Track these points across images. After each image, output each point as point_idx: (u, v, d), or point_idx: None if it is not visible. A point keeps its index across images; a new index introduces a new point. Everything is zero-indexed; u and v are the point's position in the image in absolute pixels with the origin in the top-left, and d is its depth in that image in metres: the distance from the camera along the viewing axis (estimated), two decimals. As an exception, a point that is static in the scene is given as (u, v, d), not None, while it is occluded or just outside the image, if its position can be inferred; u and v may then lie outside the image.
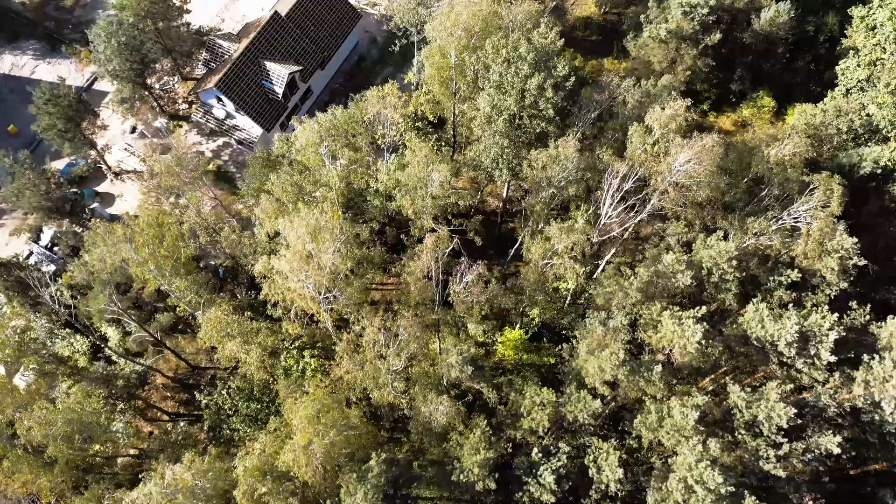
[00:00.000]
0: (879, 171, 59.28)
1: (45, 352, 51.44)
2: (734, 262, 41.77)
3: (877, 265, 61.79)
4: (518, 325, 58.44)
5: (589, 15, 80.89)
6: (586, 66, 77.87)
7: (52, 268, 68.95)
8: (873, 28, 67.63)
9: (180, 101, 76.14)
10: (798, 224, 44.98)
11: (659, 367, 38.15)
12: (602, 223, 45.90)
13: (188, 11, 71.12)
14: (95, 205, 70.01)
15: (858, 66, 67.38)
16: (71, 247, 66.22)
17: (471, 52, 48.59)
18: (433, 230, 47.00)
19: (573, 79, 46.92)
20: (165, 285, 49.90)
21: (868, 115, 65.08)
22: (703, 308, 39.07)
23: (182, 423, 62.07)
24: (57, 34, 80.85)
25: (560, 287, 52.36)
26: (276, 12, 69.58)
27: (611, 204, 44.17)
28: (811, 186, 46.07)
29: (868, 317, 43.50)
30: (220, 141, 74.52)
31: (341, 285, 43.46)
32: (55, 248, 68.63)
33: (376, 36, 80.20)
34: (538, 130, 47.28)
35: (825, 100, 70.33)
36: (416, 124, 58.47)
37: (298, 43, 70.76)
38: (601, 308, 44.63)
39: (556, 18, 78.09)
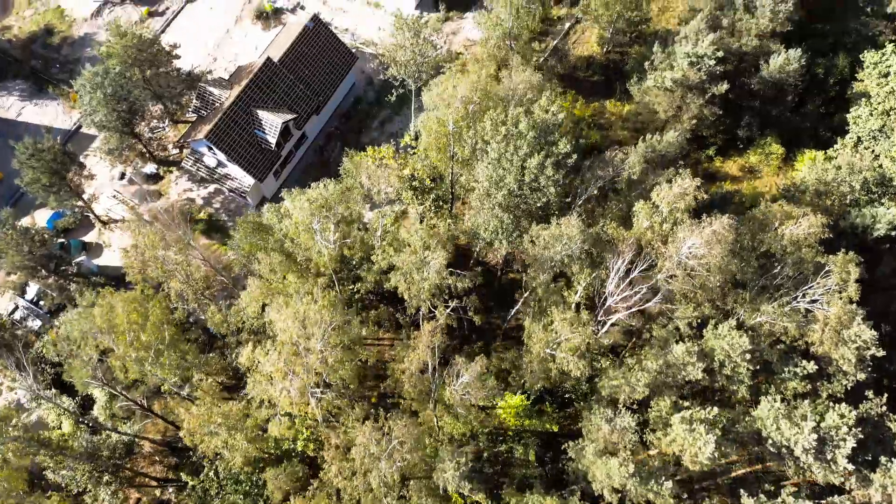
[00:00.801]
0: (894, 232, 57.20)
1: (26, 435, 49.19)
2: (748, 356, 39.69)
3: (889, 326, 59.78)
4: (519, 391, 56.46)
5: (591, 54, 78.58)
6: (588, 109, 75.72)
7: (38, 323, 66.88)
8: (886, 75, 65.53)
9: (171, 146, 73.91)
10: (813, 308, 42.86)
11: (669, 484, 36.09)
12: (607, 304, 43.78)
13: (177, 57, 68.89)
14: (82, 258, 67.85)
15: (871, 114, 65.25)
16: (56, 304, 64.09)
17: (469, 121, 46.45)
18: (431, 311, 44.98)
19: (575, 156, 44.73)
20: (147, 373, 47.83)
21: (881, 166, 62.96)
22: (716, 409, 36.95)
23: (171, 489, 60.03)
24: (44, 74, 78.62)
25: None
26: (268, 58, 67.34)
27: (616, 285, 42.05)
28: (827, 268, 43.93)
29: (884, 407, 41.40)
30: (212, 187, 72.33)
31: (332, 377, 41.35)
32: (41, 303, 66.53)
33: (373, 76, 77.94)
34: (539, 204, 45.15)
35: (836, 147, 68.42)
36: (413, 184, 56.29)
37: (292, 89, 68.52)
38: (607, 399, 42.56)
39: (557, 60, 76.22)
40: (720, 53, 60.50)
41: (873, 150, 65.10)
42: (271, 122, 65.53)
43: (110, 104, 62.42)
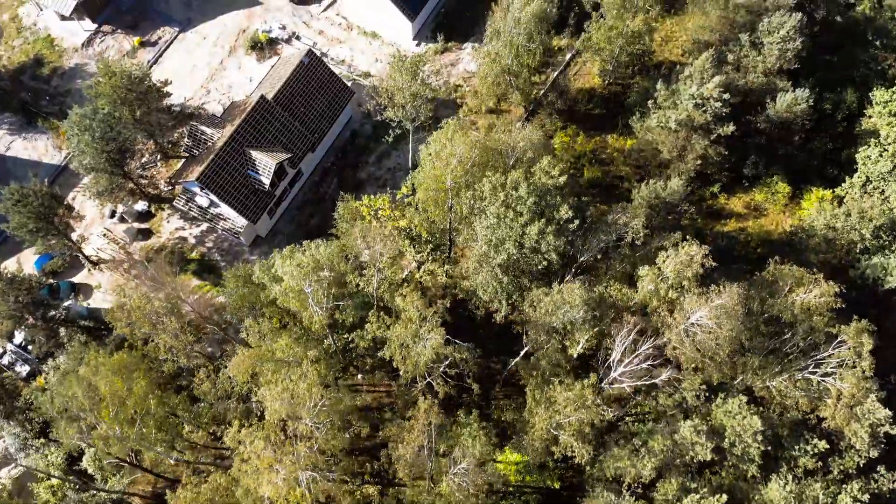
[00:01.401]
0: (906, 283, 55.59)
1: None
2: (759, 437, 38.06)
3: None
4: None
5: (591, 86, 76.76)
6: (589, 143, 74.02)
7: (27, 368, 65.27)
8: (896, 115, 63.90)
9: (162, 182, 72.14)
10: (826, 381, 41.21)
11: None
12: (612, 375, 42.14)
13: (168, 94, 67.15)
14: (70, 302, 66.11)
15: (881, 156, 63.51)
16: (45, 353, 62.39)
17: (468, 179, 44.71)
18: (427, 377, 43.35)
19: (577, 222, 42.97)
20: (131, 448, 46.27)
21: (891, 210, 61.23)
22: (725, 497, 35.33)
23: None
24: (34, 106, 76.81)
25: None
26: (262, 96, 65.64)
27: (621, 360, 40.42)
28: (839, 338, 42.26)
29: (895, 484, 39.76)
30: (205, 225, 70.58)
31: (323, 446, 39.68)
32: (29, 348, 64.84)
33: (370, 110, 76.03)
34: (539, 267, 43.46)
35: (844, 186, 66.74)
36: (410, 234, 54.61)
37: (287, 127, 66.83)
38: (611, 477, 40.91)
39: (557, 96, 74.29)
40: (727, 96, 58.78)
41: (883, 191, 63.43)
42: (265, 163, 63.84)
43: (99, 146, 60.75)
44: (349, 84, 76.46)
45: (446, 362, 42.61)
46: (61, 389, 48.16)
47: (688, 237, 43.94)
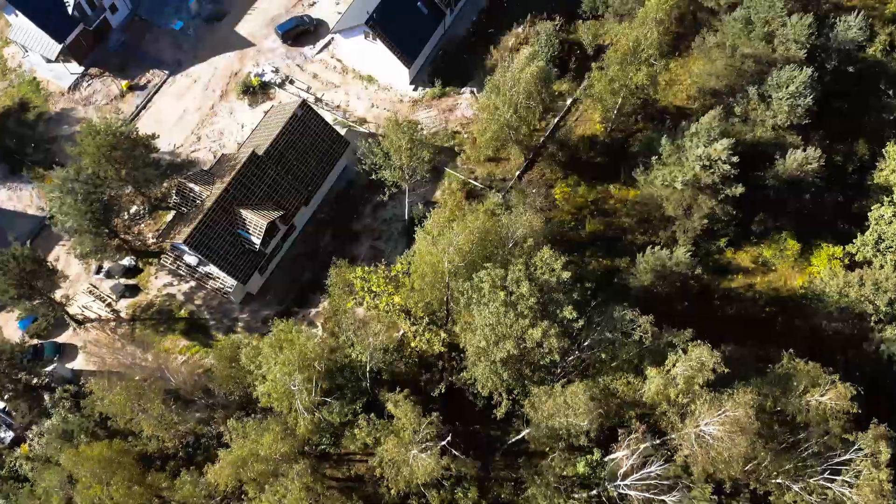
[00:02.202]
0: (923, 360, 53.35)
1: None
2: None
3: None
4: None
5: (593, 133, 74.37)
6: (591, 193, 71.70)
7: (11, 434, 62.95)
8: (910, 173, 61.67)
9: (150, 235, 69.82)
10: (842, 490, 38.98)
11: None
12: (619, 483, 39.86)
13: (156, 150, 64.85)
14: (54, 366, 63.72)
15: (894, 216, 61.18)
16: (28, 422, 60.11)
17: (466, 265, 42.36)
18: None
19: (582, 322, 40.64)
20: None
21: (905, 274, 58.92)
22: None
23: None
24: (18, 154, 74.47)
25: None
26: (253, 152, 63.35)
27: (629, 468, 38.16)
28: (856, 445, 40.02)
29: None
30: (194, 281, 68.23)
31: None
32: (13, 414, 62.55)
33: (365, 169, 73.66)
34: (542, 362, 41.16)
35: (856, 244, 64.35)
36: (406, 308, 52.30)
37: (279, 183, 64.58)
38: None
39: (558, 148, 71.85)
40: (735, 158, 56.47)
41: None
42: (256, 223, 61.56)
43: (83, 207, 58.50)
44: (344, 131, 74.32)
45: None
46: (41, 481, 45.81)
47: (698, 341, 41.48)
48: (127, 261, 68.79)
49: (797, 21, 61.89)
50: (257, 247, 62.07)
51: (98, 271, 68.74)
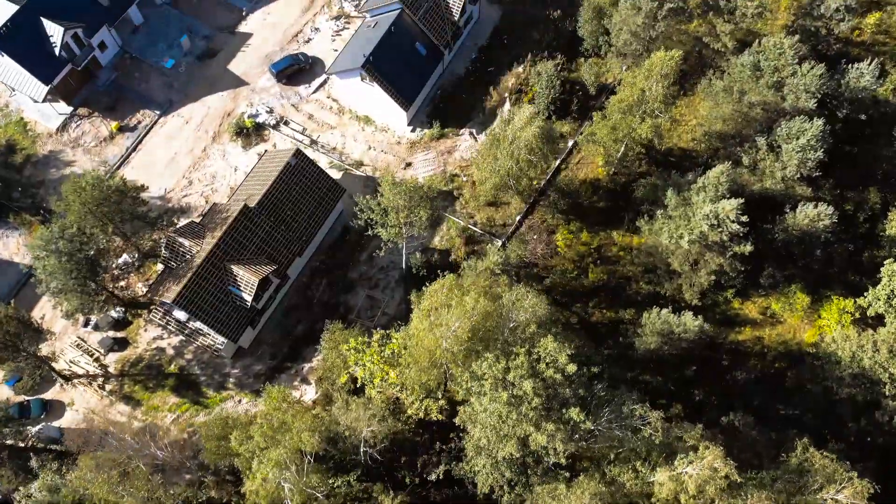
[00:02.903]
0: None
1: None
2: None
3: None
4: None
5: (596, 177, 72.30)
6: (594, 240, 69.63)
7: (-5, 497, 60.87)
8: (923, 227, 59.61)
9: (139, 285, 67.75)
10: None
11: None
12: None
13: (145, 203, 62.82)
14: (41, 426, 61.68)
15: (907, 273, 59.10)
16: (13, 488, 58.07)
17: (465, 353, 40.33)
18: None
19: (589, 424, 38.49)
20: None
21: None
22: None
23: None
24: (4, 199, 72.30)
25: None
26: (245, 205, 61.30)
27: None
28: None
29: None
30: (184, 337, 66.10)
31: None
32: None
33: (360, 225, 71.48)
34: (548, 460, 39.08)
35: (868, 298, 62.18)
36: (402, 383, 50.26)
37: (272, 236, 62.56)
38: None
39: (560, 196, 69.69)
40: (745, 218, 54.37)
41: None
42: (247, 280, 59.49)
43: (68, 266, 56.43)
44: (340, 174, 72.33)
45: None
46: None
47: (710, 445, 39.28)
48: (115, 312, 66.67)
49: (808, 70, 59.77)
50: (249, 304, 60.00)
51: (86, 324, 66.63)
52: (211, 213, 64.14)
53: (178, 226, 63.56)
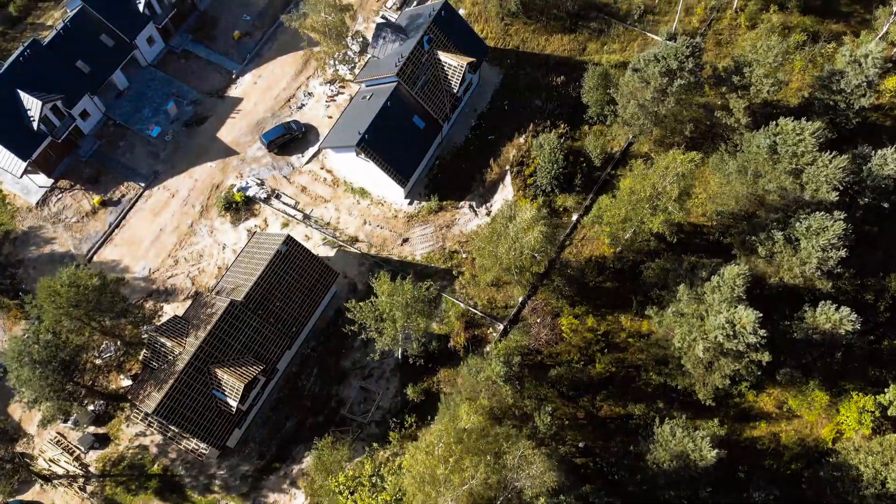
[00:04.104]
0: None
1: None
2: None
3: None
4: None
5: (602, 255, 68.68)
6: (601, 325, 66.08)
7: None
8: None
9: (122, 377, 64.33)
10: None
11: None
12: None
13: (124, 301, 59.38)
14: (16, 537, 58.54)
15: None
16: None
17: None
18: None
19: None
20: None
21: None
22: None
23: None
24: (-20, 279, 69.08)
25: None
26: (231, 302, 57.88)
27: None
28: None
29: None
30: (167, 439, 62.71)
31: None
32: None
33: (356, 281, 68.34)
34: None
35: (888, 395, 58.72)
36: None
37: (259, 332, 59.17)
38: None
39: (565, 282, 65.85)
40: (763, 332, 50.76)
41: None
42: (232, 385, 56.07)
43: (44, 373, 53.10)
44: (334, 251, 68.94)
45: None
46: None
47: None
48: (95, 406, 63.28)
49: (830, 161, 56.21)
50: (234, 409, 56.59)
51: (65, 420, 63.16)
52: (195, 306, 60.67)
53: (159, 324, 59.97)
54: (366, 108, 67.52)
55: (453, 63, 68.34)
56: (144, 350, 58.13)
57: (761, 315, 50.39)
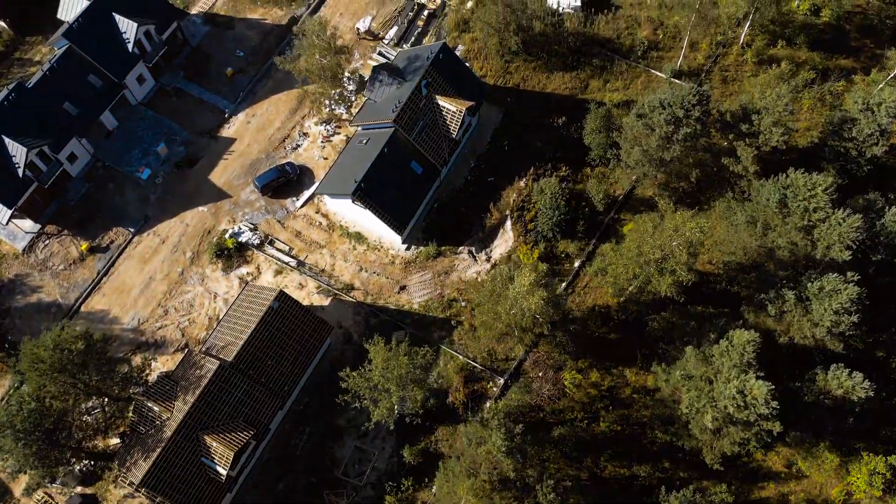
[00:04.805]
0: None
1: None
2: None
3: None
4: None
5: (605, 304, 66.57)
6: (605, 380, 64.03)
7: None
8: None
9: (110, 434, 62.27)
10: None
11: None
12: None
13: (109, 360, 57.26)
14: None
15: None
16: None
17: None
18: None
19: None
20: None
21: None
22: None
23: None
24: (-37, 330, 66.97)
25: None
26: (220, 365, 55.88)
27: None
28: None
29: None
30: None
31: None
32: None
33: (352, 331, 66.27)
34: None
35: (900, 458, 56.86)
36: None
37: (250, 395, 57.09)
38: None
39: (568, 339, 63.57)
40: (775, 404, 48.74)
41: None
42: (222, 453, 54.03)
43: (27, 441, 51.09)
44: (329, 300, 66.88)
45: None
46: None
47: None
48: (82, 465, 61.22)
49: (843, 219, 54.13)
50: (223, 478, 54.55)
51: (52, 480, 61.08)
52: (184, 365, 58.54)
53: (147, 385, 57.91)
54: (362, 153, 65.45)
55: (452, 108, 66.25)
56: (131, 413, 56.04)
57: (773, 387, 48.35)
